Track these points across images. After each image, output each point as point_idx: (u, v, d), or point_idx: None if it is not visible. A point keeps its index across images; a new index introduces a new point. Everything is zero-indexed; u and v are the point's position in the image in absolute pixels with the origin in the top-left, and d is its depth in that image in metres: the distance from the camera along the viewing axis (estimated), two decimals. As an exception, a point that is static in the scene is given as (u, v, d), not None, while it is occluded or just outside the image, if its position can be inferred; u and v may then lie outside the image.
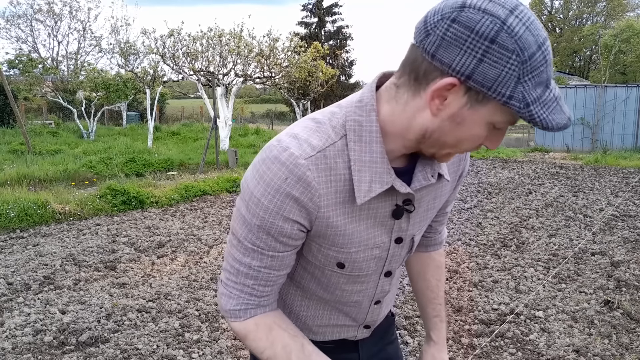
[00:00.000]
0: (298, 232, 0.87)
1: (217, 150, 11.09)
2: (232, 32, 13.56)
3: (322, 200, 0.84)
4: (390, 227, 0.94)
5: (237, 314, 0.94)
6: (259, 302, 0.95)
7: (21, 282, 4.16)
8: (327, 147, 0.84)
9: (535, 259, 4.76)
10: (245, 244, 0.89)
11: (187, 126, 20.28)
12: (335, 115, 0.87)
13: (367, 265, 0.97)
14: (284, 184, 0.82)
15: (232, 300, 0.94)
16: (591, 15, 43.66)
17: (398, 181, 0.86)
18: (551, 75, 0.75)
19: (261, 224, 0.85)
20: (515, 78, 0.71)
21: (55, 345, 3.15)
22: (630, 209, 6.86)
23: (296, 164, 0.82)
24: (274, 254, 0.89)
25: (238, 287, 0.93)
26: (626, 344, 3.16)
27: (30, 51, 27.81)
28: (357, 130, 0.84)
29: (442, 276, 1.29)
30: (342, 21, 41.45)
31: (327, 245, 0.92)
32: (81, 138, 15.92)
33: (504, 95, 0.72)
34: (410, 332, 3.33)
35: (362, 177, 0.84)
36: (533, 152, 14.25)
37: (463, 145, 0.82)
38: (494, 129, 0.80)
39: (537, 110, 0.73)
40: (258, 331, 0.95)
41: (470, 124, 0.78)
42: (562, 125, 0.75)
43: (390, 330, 1.27)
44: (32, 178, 8.82)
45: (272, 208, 0.83)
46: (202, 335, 3.27)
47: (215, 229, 5.89)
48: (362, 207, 0.88)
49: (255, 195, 0.84)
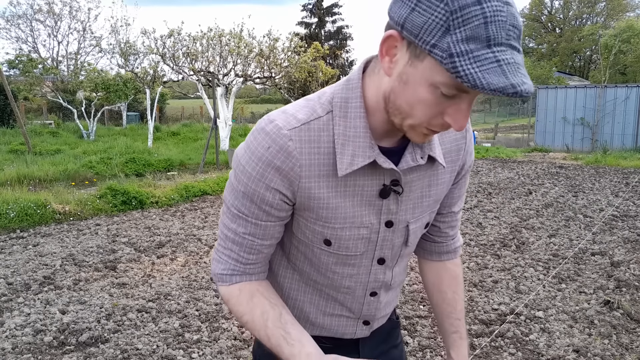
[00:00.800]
0: (280, 202, 0.90)
1: (217, 150, 11.09)
2: (232, 32, 13.57)
3: (304, 170, 0.87)
4: (379, 207, 0.94)
5: (224, 278, 0.99)
6: (244, 269, 0.98)
7: (21, 282, 4.16)
8: (312, 121, 0.87)
9: (535, 259, 4.76)
10: (232, 211, 0.94)
11: (187, 126, 20.28)
12: (324, 93, 0.91)
13: (354, 244, 0.97)
14: (266, 153, 0.86)
15: (220, 265, 0.99)
16: (591, 16, 43.67)
17: (382, 157, 0.88)
18: (499, 38, 0.69)
19: (245, 191, 0.90)
20: (444, 28, 0.69)
21: (55, 346, 3.15)
22: (630, 209, 6.86)
23: (279, 134, 0.86)
24: (257, 222, 0.93)
25: (226, 252, 0.97)
26: (626, 344, 3.16)
27: (30, 51, 27.83)
28: (343, 107, 0.87)
29: (459, 288, 1.20)
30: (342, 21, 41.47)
31: (312, 219, 0.93)
32: (81, 138, 15.93)
33: (428, 44, 0.70)
34: (410, 332, 3.33)
35: (345, 150, 0.86)
36: (533, 152, 14.25)
37: (418, 113, 0.78)
38: (444, 96, 0.75)
39: (463, 64, 0.68)
40: (240, 296, 0.98)
41: (414, 84, 0.76)
42: (498, 88, 0.67)
43: (394, 333, 1.24)
44: (32, 178, 8.82)
45: (255, 175, 0.87)
46: (202, 336, 3.27)
47: (215, 229, 5.89)
48: (347, 182, 0.90)
49: (242, 163, 0.89)
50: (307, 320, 1.09)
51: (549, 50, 43.89)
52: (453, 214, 1.13)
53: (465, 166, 1.06)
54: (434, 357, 3.04)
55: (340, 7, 40.24)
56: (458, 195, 1.10)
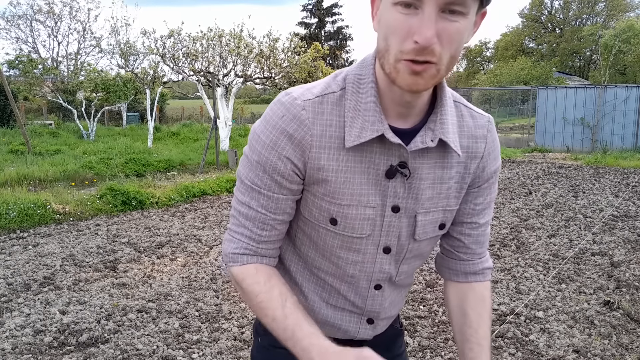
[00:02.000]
0: (292, 172, 0.92)
1: (217, 150, 11.09)
2: (232, 32, 13.56)
3: (315, 140, 0.90)
4: (385, 189, 0.94)
5: (236, 257, 0.98)
6: (256, 249, 0.99)
7: (21, 282, 4.16)
8: (326, 95, 0.92)
9: (535, 260, 4.76)
10: (246, 183, 0.96)
11: (187, 126, 20.27)
12: (340, 72, 0.96)
13: (360, 225, 0.96)
14: (280, 121, 0.90)
15: (232, 244, 0.99)
16: (591, 16, 43.65)
17: (390, 132, 0.89)
18: None
19: (259, 160, 0.92)
20: None
21: (55, 346, 3.15)
22: (630, 209, 6.86)
23: (293, 103, 0.90)
24: (270, 194, 0.94)
25: (239, 230, 0.98)
26: (626, 344, 3.16)
27: (30, 52, 27.80)
28: (356, 83, 0.92)
29: (485, 311, 1.08)
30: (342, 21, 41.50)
31: (320, 195, 0.95)
32: (81, 138, 15.92)
33: None
34: (410, 333, 3.33)
35: (355, 123, 0.90)
36: (533, 152, 14.25)
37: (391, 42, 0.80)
38: (405, 8, 0.78)
39: None
40: (257, 275, 0.97)
41: (384, 16, 0.81)
42: None
43: (398, 342, 1.23)
44: (32, 178, 8.82)
45: (268, 143, 0.91)
46: (202, 336, 3.27)
47: (215, 229, 5.89)
48: (355, 157, 0.91)
49: (256, 132, 0.93)
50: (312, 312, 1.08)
51: (548, 50, 43.89)
52: (477, 226, 1.07)
53: (487, 170, 1.02)
54: (434, 358, 3.04)
55: (340, 7, 40.28)
56: (482, 203, 1.05)
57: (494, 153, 1.02)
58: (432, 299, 3.87)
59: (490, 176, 1.03)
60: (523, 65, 32.56)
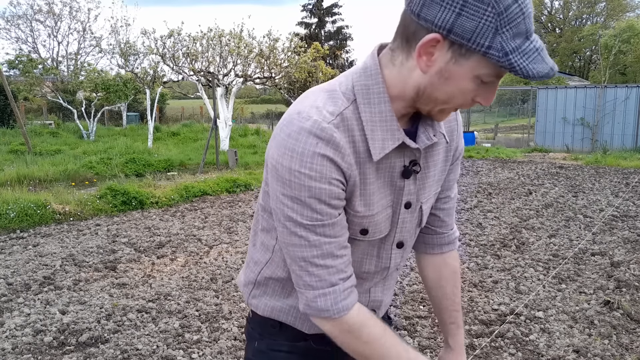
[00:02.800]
0: (342, 191, 0.90)
1: (217, 150, 11.09)
2: (232, 32, 13.56)
3: (350, 158, 0.89)
4: (401, 188, 0.98)
5: (342, 306, 0.92)
6: (350, 282, 0.94)
7: (21, 282, 4.16)
8: (343, 111, 0.89)
9: (535, 260, 4.76)
10: (304, 224, 0.89)
11: (187, 126, 20.26)
12: (342, 83, 0.93)
13: (384, 227, 1.00)
14: (316, 148, 0.85)
15: (329, 297, 0.92)
16: (591, 16, 43.66)
17: (407, 139, 0.92)
18: (531, 28, 0.79)
19: (311, 194, 0.87)
20: (493, 29, 0.76)
21: (55, 346, 3.15)
22: (630, 209, 6.86)
23: (321, 128, 0.86)
24: (333, 221, 0.90)
25: (323, 276, 0.91)
26: (626, 344, 3.16)
27: (30, 51, 27.82)
28: (365, 94, 0.90)
29: (458, 282, 1.25)
30: (342, 21, 41.50)
31: (352, 212, 0.95)
32: (81, 138, 15.92)
33: (483, 46, 0.78)
34: (410, 333, 3.33)
35: (375, 135, 0.90)
36: (533, 152, 14.24)
37: (455, 101, 0.87)
38: (482, 83, 0.83)
39: (517, 59, 0.78)
40: (373, 317, 0.96)
41: (457, 79, 0.83)
42: (544, 74, 0.79)
43: None
44: (32, 178, 8.82)
45: (315, 174, 0.86)
46: (202, 336, 3.27)
47: (215, 229, 5.89)
48: (378, 167, 0.93)
49: (295, 169, 0.86)
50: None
51: (548, 50, 43.70)
52: (449, 200, 1.17)
53: (459, 149, 1.11)
54: (434, 358, 3.04)
55: (340, 7, 40.30)
56: (453, 178, 1.15)
57: (460, 131, 1.11)
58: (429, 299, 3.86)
59: (460, 152, 1.13)
60: (523, 65, 32.45)
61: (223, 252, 5.04)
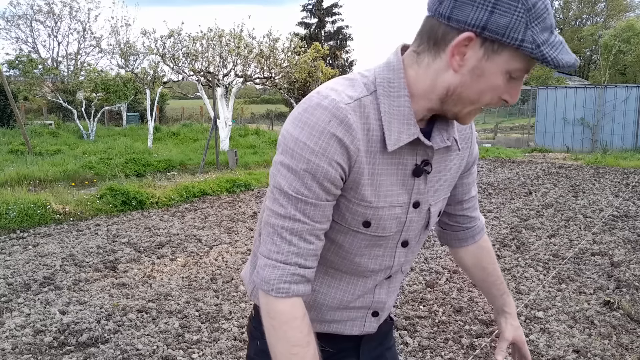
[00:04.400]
0: (339, 178, 0.91)
1: (217, 150, 11.09)
2: (232, 32, 13.56)
3: (361, 144, 0.90)
4: (410, 187, 0.99)
5: (282, 287, 0.92)
6: (304, 272, 0.93)
7: (21, 282, 4.16)
8: (362, 98, 0.91)
9: (535, 260, 4.76)
10: (289, 194, 0.90)
11: (187, 127, 20.25)
12: (365, 75, 0.96)
13: (389, 225, 1.00)
14: (327, 126, 0.87)
15: (276, 271, 0.92)
16: (591, 16, 43.67)
17: (422, 135, 0.94)
18: (554, 23, 0.85)
19: (307, 168, 0.88)
20: (524, 24, 0.81)
21: (55, 346, 3.15)
22: (630, 209, 6.86)
23: (338, 107, 0.88)
24: (318, 202, 0.91)
25: (282, 248, 0.92)
26: (626, 344, 3.16)
27: (30, 52, 27.80)
28: (386, 86, 0.92)
29: (494, 257, 1.32)
30: (342, 21, 41.51)
31: (356, 201, 0.95)
32: (81, 138, 15.92)
33: (517, 40, 0.82)
34: (410, 333, 3.33)
35: (392, 127, 0.92)
36: (533, 152, 14.24)
37: (484, 98, 0.90)
38: (511, 78, 0.87)
39: (547, 51, 0.83)
40: (303, 322, 0.93)
41: (489, 75, 0.86)
42: (571, 63, 0.84)
43: (390, 335, 1.27)
44: (32, 178, 8.82)
45: (318, 150, 0.88)
46: (202, 336, 3.27)
47: (215, 230, 5.89)
48: (389, 160, 0.94)
49: (301, 140, 0.88)
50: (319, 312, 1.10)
51: (549, 50, 43.78)
52: (472, 198, 1.23)
53: (474, 154, 1.15)
54: (434, 358, 3.04)
55: (340, 7, 40.29)
56: (472, 181, 1.21)
57: (475, 137, 1.15)
58: (432, 299, 3.87)
59: (476, 157, 1.16)
60: (523, 65, 32.47)
61: (223, 252, 5.04)
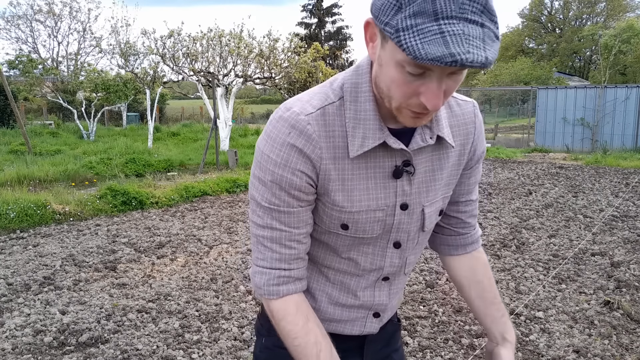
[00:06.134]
0: (307, 185, 0.92)
1: (217, 150, 11.09)
2: (232, 32, 13.56)
3: (324, 152, 0.91)
4: (394, 189, 0.97)
5: (272, 290, 0.97)
6: (289, 273, 0.98)
7: (21, 282, 4.16)
8: (326, 106, 0.92)
9: (535, 260, 4.76)
10: (263, 205, 0.95)
11: (187, 127, 20.26)
12: (336, 80, 0.96)
13: (370, 227, 0.99)
14: (287, 137, 0.90)
15: (264, 276, 0.98)
16: (591, 16, 43.66)
17: (392, 138, 0.91)
18: (448, 11, 0.71)
19: (273, 179, 0.92)
20: (396, 7, 0.73)
21: (55, 346, 3.15)
22: (630, 209, 6.86)
23: (297, 119, 0.90)
24: (290, 210, 0.94)
25: (266, 255, 0.97)
26: (626, 344, 3.16)
27: (30, 52, 27.80)
28: (353, 92, 0.92)
29: (491, 274, 1.21)
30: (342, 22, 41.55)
31: (329, 205, 0.96)
32: (81, 138, 15.92)
33: (383, 22, 0.75)
34: (410, 333, 3.33)
35: (356, 133, 0.91)
36: (533, 152, 14.24)
37: (393, 93, 0.82)
38: (411, 75, 0.78)
39: (406, 37, 0.72)
40: (297, 315, 0.97)
41: (386, 65, 0.81)
42: (435, 57, 0.70)
43: (396, 336, 1.25)
44: (32, 178, 8.82)
45: (280, 161, 0.90)
46: (202, 336, 3.27)
47: (215, 230, 5.89)
48: (360, 165, 0.93)
49: (265, 152, 0.92)
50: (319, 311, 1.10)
51: (548, 50, 43.87)
52: (471, 202, 1.16)
53: (477, 152, 1.08)
54: (434, 358, 3.04)
55: (340, 7, 40.30)
56: (474, 182, 1.14)
57: (481, 135, 1.08)
58: (432, 299, 3.87)
59: (480, 157, 1.10)
60: (523, 66, 32.55)
61: (223, 252, 5.04)
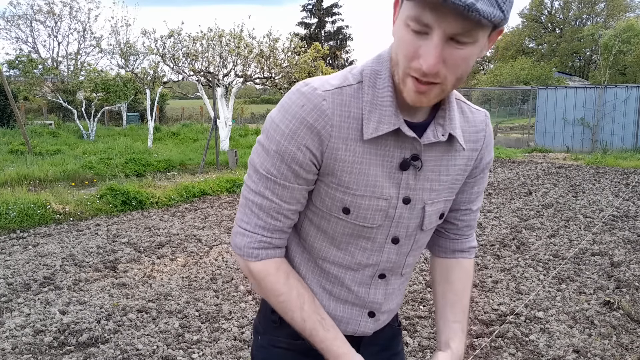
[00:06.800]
0: (309, 162, 0.93)
1: (217, 150, 11.09)
2: (232, 32, 13.56)
3: (334, 130, 0.91)
4: (398, 181, 0.97)
5: (251, 253, 0.99)
6: (270, 240, 0.99)
7: (21, 282, 4.16)
8: (344, 87, 0.93)
9: (535, 260, 4.76)
10: (260, 172, 0.95)
11: (187, 127, 20.26)
12: (355, 67, 0.97)
13: (372, 215, 0.99)
14: (300, 110, 0.90)
15: (246, 238, 0.99)
16: (591, 16, 43.66)
17: (405, 127, 0.92)
18: None
19: (277, 149, 0.92)
20: None
21: (55, 346, 3.15)
22: (630, 209, 6.86)
23: (314, 93, 0.91)
24: (285, 184, 0.95)
25: (251, 222, 0.98)
26: (626, 344, 3.16)
27: (31, 52, 27.78)
28: (373, 78, 0.93)
29: (469, 284, 1.19)
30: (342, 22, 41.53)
31: (334, 185, 0.96)
32: (81, 138, 15.92)
33: None
34: (410, 333, 3.33)
35: (372, 116, 0.92)
36: (533, 152, 14.24)
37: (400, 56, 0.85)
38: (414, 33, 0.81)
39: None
40: (278, 274, 1.00)
41: (399, 28, 0.84)
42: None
43: (396, 340, 1.24)
44: (32, 178, 8.82)
45: (288, 132, 0.91)
46: (202, 336, 3.27)
47: (215, 230, 5.89)
48: (370, 150, 0.94)
49: (275, 122, 0.93)
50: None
51: (548, 50, 43.88)
52: (471, 212, 1.15)
53: (484, 161, 1.09)
54: (434, 358, 3.04)
55: (340, 7, 40.30)
56: (477, 192, 1.13)
57: (490, 145, 1.09)
58: (432, 299, 3.87)
59: (485, 166, 1.10)
60: (523, 66, 32.57)
61: (223, 252, 5.04)
